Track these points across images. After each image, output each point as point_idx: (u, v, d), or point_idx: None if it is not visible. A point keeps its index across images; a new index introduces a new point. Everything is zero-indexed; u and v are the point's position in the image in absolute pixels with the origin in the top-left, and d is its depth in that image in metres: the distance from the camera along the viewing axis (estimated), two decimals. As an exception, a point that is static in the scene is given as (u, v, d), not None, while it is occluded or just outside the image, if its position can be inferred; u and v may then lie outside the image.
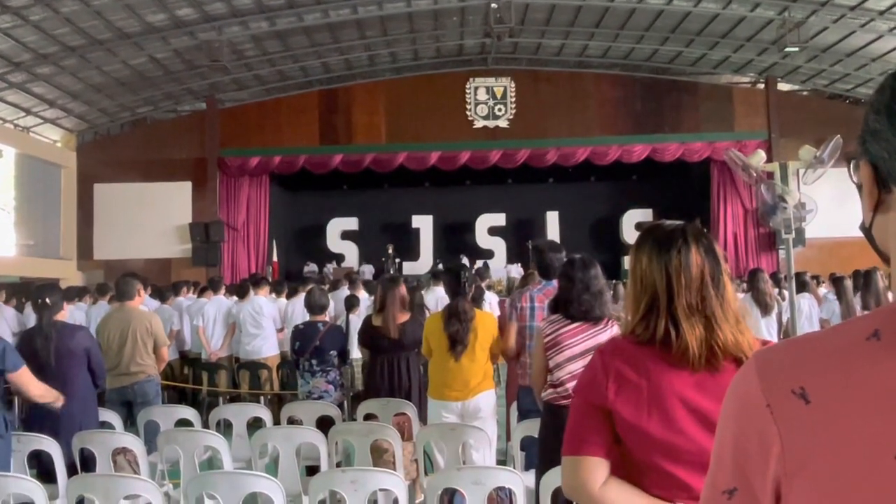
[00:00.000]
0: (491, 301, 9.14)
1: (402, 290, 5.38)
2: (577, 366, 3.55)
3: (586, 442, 1.60)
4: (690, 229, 1.71)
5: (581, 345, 3.55)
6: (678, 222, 1.75)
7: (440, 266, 18.13)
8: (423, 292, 8.79)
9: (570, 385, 3.56)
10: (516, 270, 17.35)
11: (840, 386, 0.70)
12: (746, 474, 0.76)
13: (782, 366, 0.75)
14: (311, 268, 18.57)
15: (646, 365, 1.60)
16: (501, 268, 18.77)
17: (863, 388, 0.69)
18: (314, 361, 5.50)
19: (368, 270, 18.27)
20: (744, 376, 0.77)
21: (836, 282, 7.17)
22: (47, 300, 4.48)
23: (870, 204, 0.79)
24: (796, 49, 15.07)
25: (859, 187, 0.81)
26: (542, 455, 3.69)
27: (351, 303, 7.87)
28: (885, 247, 0.80)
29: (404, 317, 5.25)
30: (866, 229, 0.82)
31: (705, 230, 1.79)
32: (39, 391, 3.93)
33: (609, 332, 3.59)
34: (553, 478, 2.95)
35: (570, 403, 1.72)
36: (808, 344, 0.76)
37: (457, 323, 4.64)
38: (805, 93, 19.18)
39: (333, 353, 5.55)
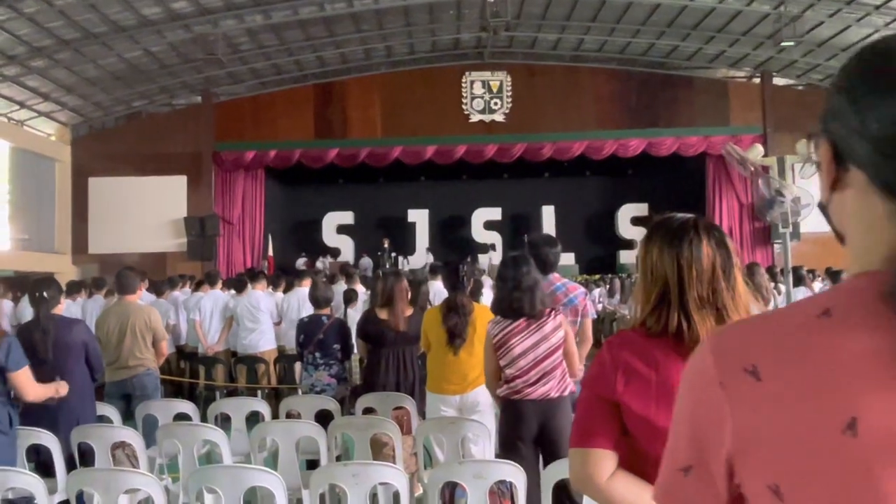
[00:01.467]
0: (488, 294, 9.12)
1: (405, 283, 5.41)
2: (527, 361, 3.66)
3: (594, 434, 1.60)
4: (702, 222, 1.72)
5: (527, 340, 3.68)
6: (689, 215, 1.75)
7: (430, 258, 18.16)
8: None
9: (520, 381, 3.65)
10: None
11: (790, 363, 0.71)
12: (702, 452, 0.77)
13: (735, 345, 0.76)
14: (304, 260, 18.50)
15: (655, 357, 1.60)
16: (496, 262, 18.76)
17: (812, 365, 0.70)
18: (318, 355, 5.50)
19: (367, 264, 18.21)
20: (699, 356, 0.78)
21: (834, 275, 7.21)
22: (45, 294, 4.46)
23: (828, 182, 0.80)
24: (792, 43, 15.11)
25: (818, 165, 0.82)
26: (501, 445, 3.83)
27: (349, 297, 7.87)
28: (840, 225, 0.81)
29: (410, 310, 5.28)
30: (823, 207, 0.83)
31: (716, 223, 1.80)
32: (35, 394, 3.87)
33: (552, 322, 3.67)
34: (554, 472, 2.96)
35: (579, 395, 1.72)
36: (762, 323, 0.77)
37: (455, 317, 4.65)
38: (800, 87, 19.22)
39: (336, 346, 5.55)
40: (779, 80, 18.78)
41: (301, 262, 18.31)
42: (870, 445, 0.66)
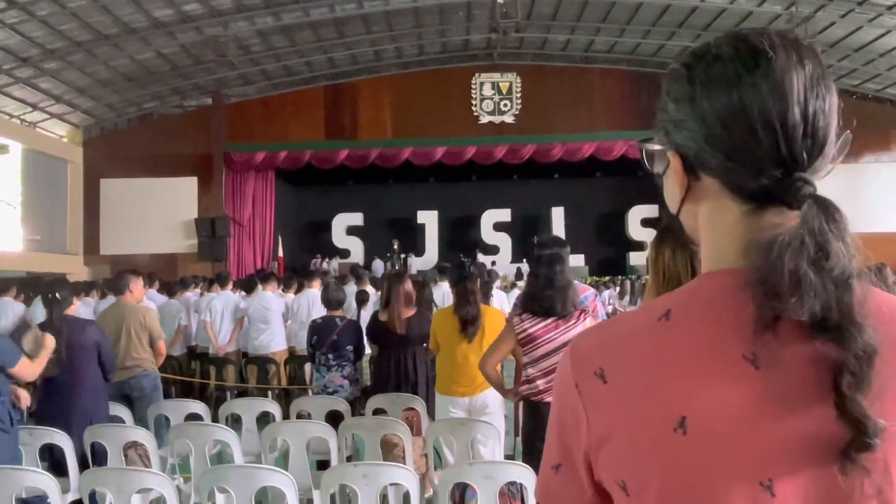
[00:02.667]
0: (500, 298, 9.14)
1: (408, 285, 5.38)
2: (551, 362, 3.61)
3: None
4: None
5: (554, 341, 3.64)
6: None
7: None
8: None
9: (540, 382, 3.62)
10: (525, 268, 17.31)
11: (631, 365, 0.75)
12: (568, 450, 0.81)
13: (588, 349, 0.79)
14: (318, 261, 18.57)
15: None
16: (507, 263, 18.76)
17: (649, 367, 0.74)
18: (330, 356, 5.51)
19: (379, 267, 18.21)
20: (562, 361, 0.82)
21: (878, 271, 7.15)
22: (57, 295, 4.49)
23: (679, 192, 0.82)
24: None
25: (659, 176, 0.86)
26: (526, 448, 3.80)
27: (361, 298, 7.87)
28: (693, 233, 0.84)
29: (409, 312, 5.25)
30: (675, 217, 0.85)
31: None
32: (34, 374, 3.96)
33: (581, 325, 3.64)
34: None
35: None
36: (612, 327, 0.81)
37: (466, 304, 4.65)
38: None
39: (349, 347, 5.56)
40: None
41: (315, 263, 18.34)
42: (699, 442, 0.69)
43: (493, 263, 15.12)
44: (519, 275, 15.28)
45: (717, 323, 0.72)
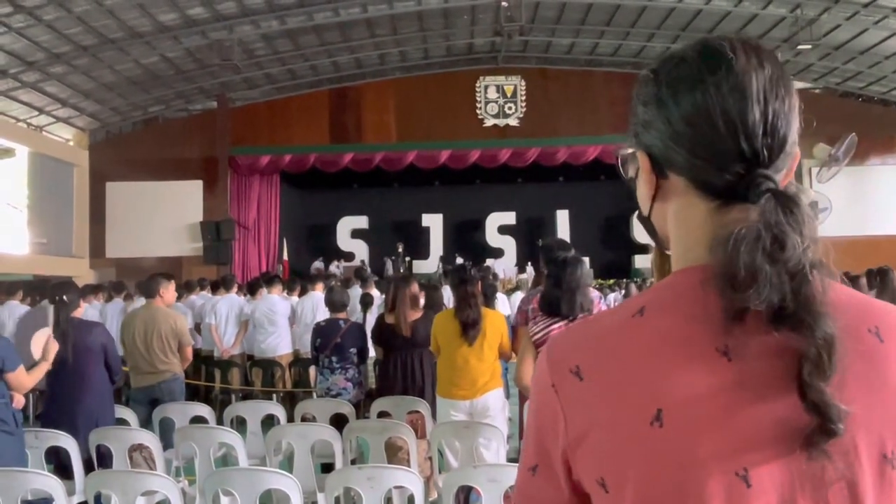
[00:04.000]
0: (505, 301, 9.14)
1: (414, 288, 5.39)
2: None
3: None
4: None
5: None
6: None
7: (441, 265, 18.20)
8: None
9: None
10: (530, 271, 17.29)
11: (606, 362, 0.76)
12: (545, 451, 0.81)
13: (564, 348, 0.81)
14: (317, 265, 18.56)
15: None
16: (511, 266, 18.76)
17: (624, 363, 0.75)
18: (334, 358, 5.51)
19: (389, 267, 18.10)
20: (539, 361, 0.83)
21: (852, 280, 7.12)
22: (64, 297, 4.51)
23: (648, 192, 0.85)
24: (808, 47, 15.01)
25: (632, 180, 0.89)
26: None
27: (366, 301, 7.89)
28: (664, 232, 0.86)
29: (416, 314, 5.26)
30: (645, 217, 0.88)
31: None
32: (31, 385, 3.96)
33: None
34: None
35: None
36: (588, 326, 0.82)
37: (467, 308, 4.64)
38: (817, 91, 19.07)
39: (353, 350, 5.56)
40: (795, 84, 18.41)
41: (315, 267, 18.34)
42: (675, 435, 0.70)
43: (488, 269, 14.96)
44: (521, 284, 15.24)
45: (688, 317, 0.74)
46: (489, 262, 18.33)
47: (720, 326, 0.71)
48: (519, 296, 10.60)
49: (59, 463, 4.15)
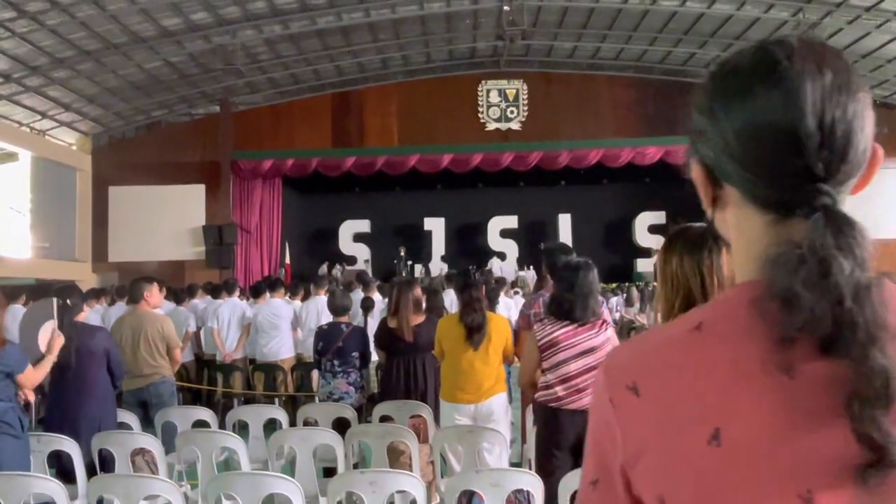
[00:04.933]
0: (508, 305, 9.13)
1: (417, 292, 5.39)
2: (569, 369, 3.58)
3: None
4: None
5: (573, 348, 3.61)
6: (706, 225, 1.75)
7: (444, 269, 18.18)
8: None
9: (559, 389, 3.60)
10: (530, 275, 17.27)
11: (664, 379, 0.74)
12: (604, 465, 0.80)
13: (621, 363, 0.79)
14: (322, 270, 18.58)
15: None
16: (512, 270, 18.74)
17: (682, 379, 0.73)
18: (336, 362, 5.51)
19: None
20: (597, 375, 0.82)
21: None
22: (68, 301, 4.52)
23: (706, 201, 0.83)
24: (811, 50, 14.99)
25: (697, 183, 0.85)
26: (541, 455, 3.75)
27: (366, 305, 7.89)
28: (727, 239, 0.84)
29: (419, 319, 5.25)
30: (711, 224, 0.86)
31: None
32: (39, 377, 3.99)
33: (603, 335, 3.62)
34: (572, 481, 2.95)
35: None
36: (644, 340, 0.81)
37: (472, 312, 4.65)
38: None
39: (355, 354, 5.56)
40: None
41: (324, 269, 18.33)
42: (733, 454, 0.69)
43: (482, 271, 14.91)
44: (520, 282, 15.22)
45: (747, 334, 0.71)
46: (492, 262, 18.34)
47: (775, 347, 0.69)
48: (518, 300, 10.60)
49: (61, 467, 4.15)
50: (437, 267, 19.22)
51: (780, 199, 0.74)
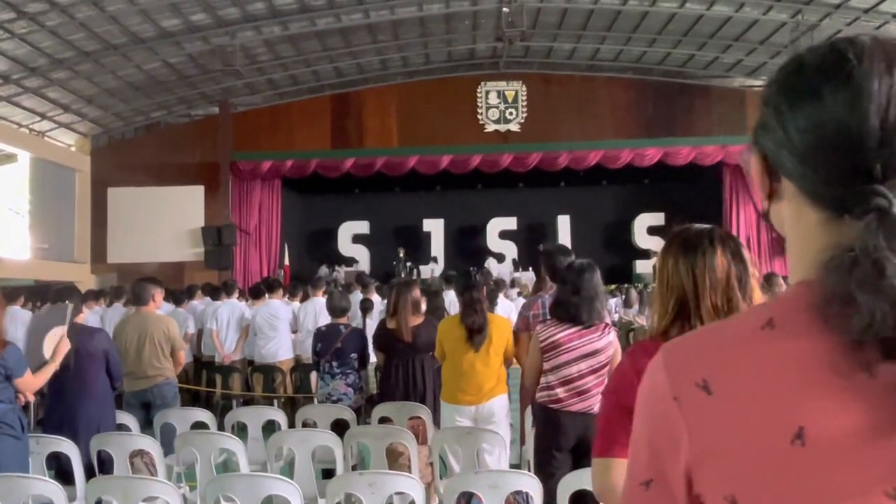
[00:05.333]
0: (507, 307, 9.13)
1: (416, 293, 5.39)
2: (571, 371, 3.57)
3: (617, 444, 1.60)
4: (717, 232, 1.72)
5: (576, 351, 3.59)
6: (706, 226, 1.76)
7: (434, 269, 18.18)
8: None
9: (560, 391, 3.59)
10: (527, 277, 17.25)
11: (738, 376, 0.73)
12: (660, 465, 0.78)
13: (686, 359, 0.77)
14: (323, 272, 18.58)
15: None
16: (508, 272, 18.72)
17: (759, 377, 0.71)
18: (335, 364, 5.51)
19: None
20: (653, 371, 0.80)
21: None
22: (66, 303, 4.51)
23: (763, 193, 0.83)
24: (810, 52, 15.01)
25: (756, 175, 0.85)
26: (536, 451, 3.76)
27: (365, 306, 7.89)
28: (782, 232, 0.83)
29: (417, 320, 5.26)
30: (766, 215, 0.85)
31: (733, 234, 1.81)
32: (38, 386, 3.98)
33: (605, 339, 3.61)
34: (571, 481, 2.95)
35: (601, 405, 1.72)
36: (710, 335, 0.79)
37: (473, 313, 4.65)
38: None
39: (354, 355, 5.56)
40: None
41: (324, 269, 18.34)
42: (818, 454, 0.68)
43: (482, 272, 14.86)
44: (516, 283, 15.21)
45: (823, 332, 0.70)
46: (489, 263, 18.33)
47: (848, 348, 0.68)
48: (520, 300, 10.59)
49: (60, 469, 4.15)
50: (429, 269, 19.18)
51: (835, 196, 0.73)
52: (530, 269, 17.84)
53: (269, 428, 4.97)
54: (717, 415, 0.73)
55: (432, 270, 18.72)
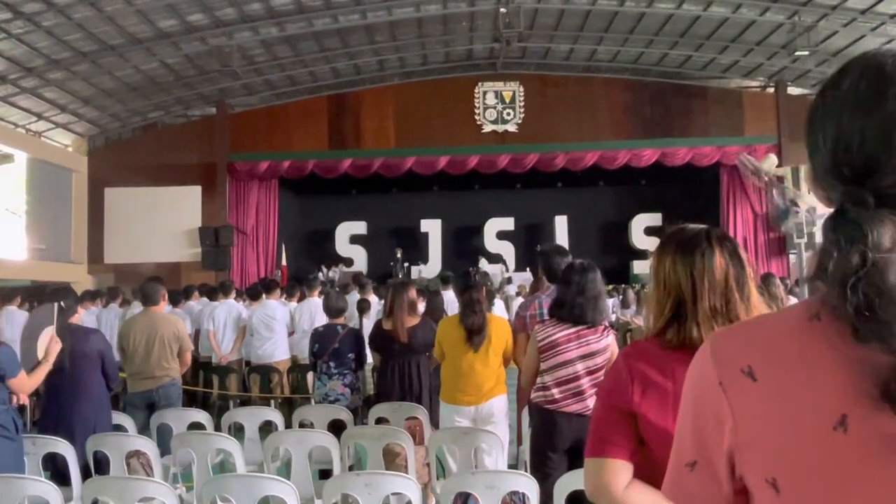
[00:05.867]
0: (498, 304, 9.13)
1: (412, 294, 5.38)
2: (567, 372, 3.56)
3: (610, 444, 1.60)
4: (714, 233, 1.72)
5: (573, 352, 3.57)
6: (702, 226, 1.75)
7: (421, 270, 18.15)
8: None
9: (555, 391, 3.58)
10: (524, 277, 17.23)
11: (783, 364, 0.76)
12: (705, 448, 0.82)
13: (733, 347, 0.81)
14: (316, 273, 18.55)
15: (672, 367, 1.59)
16: (500, 272, 18.71)
17: (804, 366, 0.75)
18: (332, 364, 5.51)
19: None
20: (701, 359, 0.83)
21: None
22: (62, 304, 4.50)
23: (820, 200, 0.85)
24: (806, 53, 15.05)
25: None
26: (531, 452, 3.75)
27: (362, 306, 7.88)
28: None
29: (413, 321, 5.25)
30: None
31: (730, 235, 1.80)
32: (31, 388, 3.97)
33: (605, 341, 3.60)
34: (568, 482, 2.95)
35: (594, 406, 1.72)
36: (757, 326, 0.82)
37: (472, 314, 4.65)
38: (815, 97, 19.09)
39: (351, 356, 5.56)
40: (793, 90, 18.69)
41: (313, 275, 18.31)
42: (860, 441, 0.70)
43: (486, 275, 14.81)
44: (504, 283, 15.21)
45: None
46: (482, 263, 18.33)
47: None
48: (518, 300, 10.59)
49: (55, 470, 4.14)
50: (434, 270, 19.18)
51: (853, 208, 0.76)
52: (527, 269, 17.86)
53: (266, 428, 4.96)
54: (762, 401, 0.76)
55: (420, 271, 18.67)
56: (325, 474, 4.49)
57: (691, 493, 0.84)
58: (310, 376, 7.06)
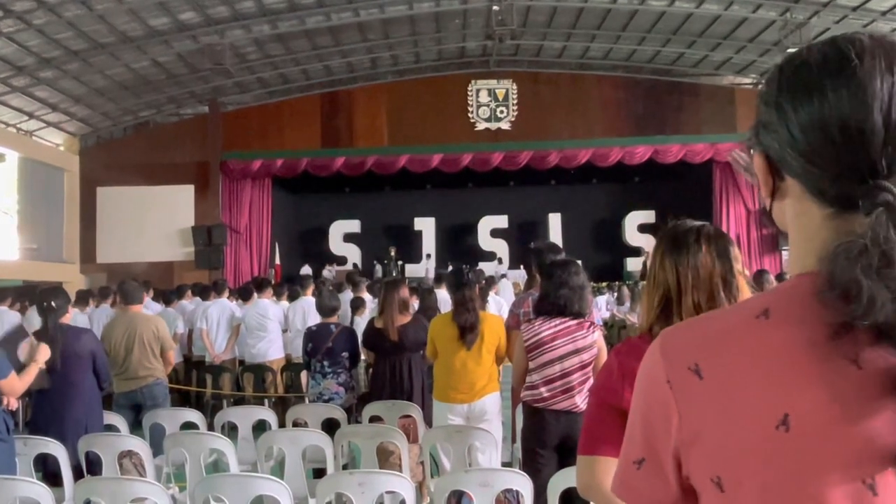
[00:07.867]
0: (499, 303, 9.12)
1: (404, 292, 5.38)
2: (555, 370, 3.57)
3: (602, 442, 1.60)
4: (705, 230, 1.72)
5: (560, 349, 3.58)
6: (697, 223, 1.75)
7: (431, 264, 18.17)
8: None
9: (543, 389, 3.59)
10: (519, 275, 17.22)
11: (729, 362, 0.75)
12: (653, 445, 0.81)
13: (682, 344, 0.79)
14: (306, 271, 18.45)
15: None
16: (504, 269, 18.75)
17: (749, 364, 0.74)
18: (326, 363, 5.50)
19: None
20: (650, 355, 0.82)
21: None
22: (53, 303, 4.48)
23: (766, 191, 0.84)
24: (798, 50, 15.09)
25: (754, 175, 0.87)
26: (526, 455, 3.75)
27: (356, 305, 7.87)
28: (784, 230, 0.85)
29: (404, 319, 5.25)
30: (767, 213, 0.87)
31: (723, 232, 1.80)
32: (21, 389, 3.94)
33: (591, 337, 3.61)
34: (561, 479, 2.95)
35: (587, 403, 1.72)
36: (706, 323, 0.81)
37: (465, 312, 4.64)
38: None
39: (345, 354, 5.55)
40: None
41: (304, 272, 18.22)
42: (802, 440, 0.70)
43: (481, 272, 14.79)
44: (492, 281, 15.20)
45: (812, 323, 0.72)
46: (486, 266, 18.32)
47: (837, 334, 0.70)
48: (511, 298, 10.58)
49: (47, 470, 4.12)
50: (428, 268, 19.18)
51: (841, 193, 0.75)
52: (521, 266, 17.85)
53: (260, 428, 4.95)
54: (707, 399, 0.75)
55: (427, 269, 18.68)
56: (318, 473, 4.48)
57: (638, 490, 0.83)
58: (303, 375, 7.05)
